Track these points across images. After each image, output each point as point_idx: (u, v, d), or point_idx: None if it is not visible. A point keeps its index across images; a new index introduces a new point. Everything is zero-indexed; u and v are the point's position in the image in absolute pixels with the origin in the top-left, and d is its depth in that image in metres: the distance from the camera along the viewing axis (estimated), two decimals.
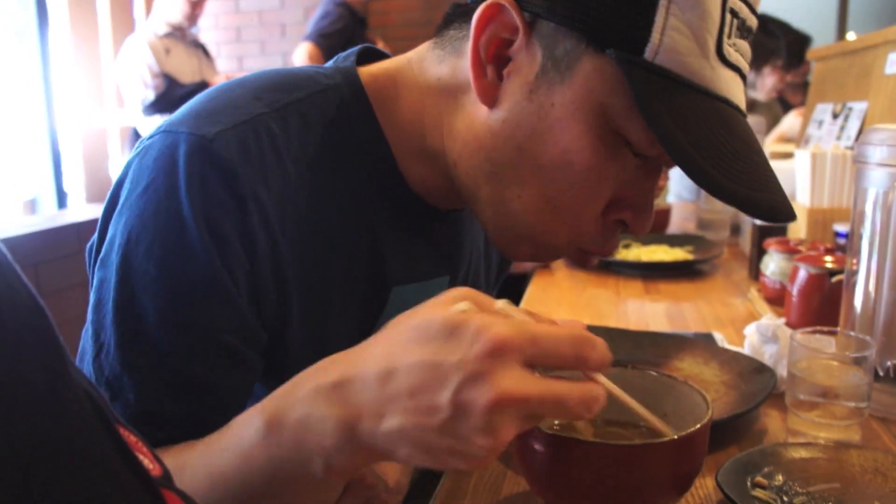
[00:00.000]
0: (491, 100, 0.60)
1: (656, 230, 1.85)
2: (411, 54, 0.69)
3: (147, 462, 0.29)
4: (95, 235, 0.63)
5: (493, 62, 0.60)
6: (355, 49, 0.72)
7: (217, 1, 4.45)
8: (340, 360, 0.47)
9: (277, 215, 0.61)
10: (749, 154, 0.58)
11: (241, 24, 4.72)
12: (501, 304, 0.45)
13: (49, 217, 2.47)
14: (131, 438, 0.28)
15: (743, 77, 0.60)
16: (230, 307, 0.59)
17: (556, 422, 0.61)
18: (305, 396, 0.47)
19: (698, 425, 0.55)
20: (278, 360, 0.65)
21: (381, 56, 0.73)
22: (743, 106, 0.61)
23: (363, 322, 0.70)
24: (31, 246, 2.03)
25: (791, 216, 0.60)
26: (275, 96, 0.64)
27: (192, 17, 3.27)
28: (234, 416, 0.57)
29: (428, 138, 0.67)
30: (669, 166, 0.65)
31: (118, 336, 0.58)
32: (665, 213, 1.90)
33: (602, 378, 0.48)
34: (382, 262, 0.69)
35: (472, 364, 0.41)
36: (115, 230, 0.59)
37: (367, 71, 0.69)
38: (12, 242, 1.97)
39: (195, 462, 0.53)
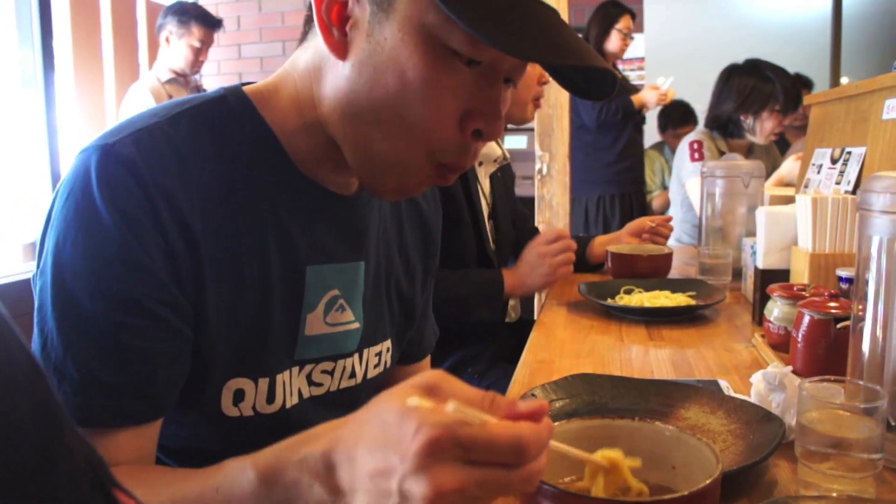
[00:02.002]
0: (342, 53, 0.69)
1: (659, 275, 1.84)
2: (287, 62, 0.78)
3: None
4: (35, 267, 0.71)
5: (338, 24, 0.69)
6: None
7: (220, 48, 4.52)
8: (324, 434, 0.54)
9: (185, 200, 0.68)
10: (550, 27, 0.66)
11: (244, 71, 4.79)
12: (451, 406, 0.48)
13: None
14: (129, 503, 0.27)
15: None
16: (149, 278, 0.66)
17: (567, 478, 0.60)
18: (297, 463, 0.53)
19: (709, 480, 0.54)
20: (199, 336, 0.71)
21: None
22: None
23: (284, 300, 0.76)
24: (30, 291, 2.02)
25: (610, 78, 0.70)
26: (166, 111, 0.73)
27: (196, 63, 3.31)
28: (171, 387, 0.70)
29: (305, 114, 0.75)
30: (509, 78, 0.71)
31: (58, 322, 0.66)
32: (667, 258, 1.90)
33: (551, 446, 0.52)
34: (291, 242, 0.76)
35: (410, 460, 0.46)
36: (46, 244, 0.68)
37: (254, 86, 0.78)
38: (11, 288, 1.96)
39: (182, 490, 0.59)
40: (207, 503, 0.57)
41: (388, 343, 0.91)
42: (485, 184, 1.79)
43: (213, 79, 4.63)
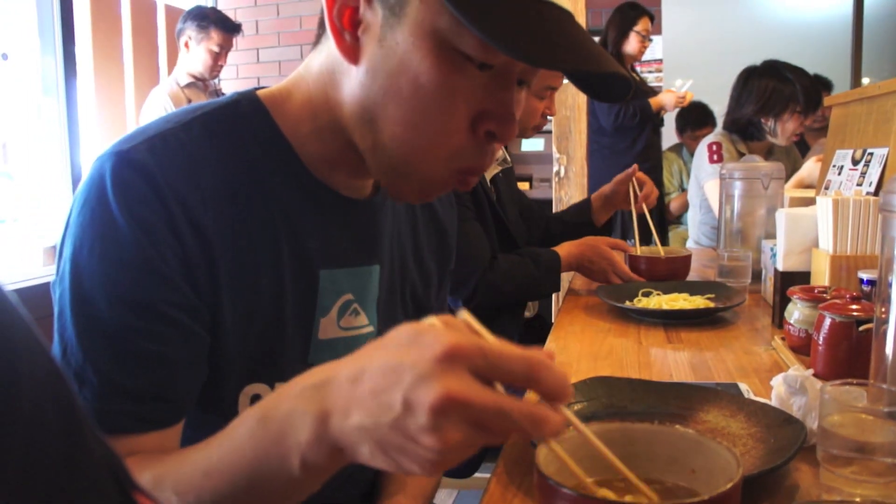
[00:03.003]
0: (354, 58, 0.69)
1: (677, 277, 1.83)
2: (301, 66, 0.78)
3: None
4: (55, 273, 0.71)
5: (350, 28, 0.69)
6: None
7: (238, 52, 4.55)
8: (327, 366, 0.52)
9: (198, 205, 0.69)
10: (563, 31, 0.65)
11: (262, 75, 4.82)
12: (465, 314, 0.49)
13: None
14: None
15: None
16: (165, 283, 0.67)
17: (590, 479, 0.60)
18: (292, 395, 0.52)
19: (730, 485, 0.53)
20: (214, 341, 0.71)
21: None
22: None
23: (298, 303, 0.76)
24: (50, 294, 2.04)
25: (625, 81, 0.69)
26: (179, 117, 0.74)
27: (215, 68, 3.34)
28: (190, 390, 0.70)
29: (319, 118, 0.75)
30: (523, 80, 0.71)
31: (77, 328, 0.66)
32: (685, 260, 1.88)
33: (571, 416, 0.51)
34: (304, 246, 0.76)
35: (424, 366, 0.45)
36: (65, 251, 0.68)
37: (267, 90, 0.79)
38: (32, 292, 1.98)
39: (191, 457, 0.59)
40: (212, 462, 0.57)
41: None
42: (489, 186, 1.81)
43: (231, 83, 4.66)
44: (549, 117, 1.79)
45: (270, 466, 0.53)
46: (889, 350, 0.85)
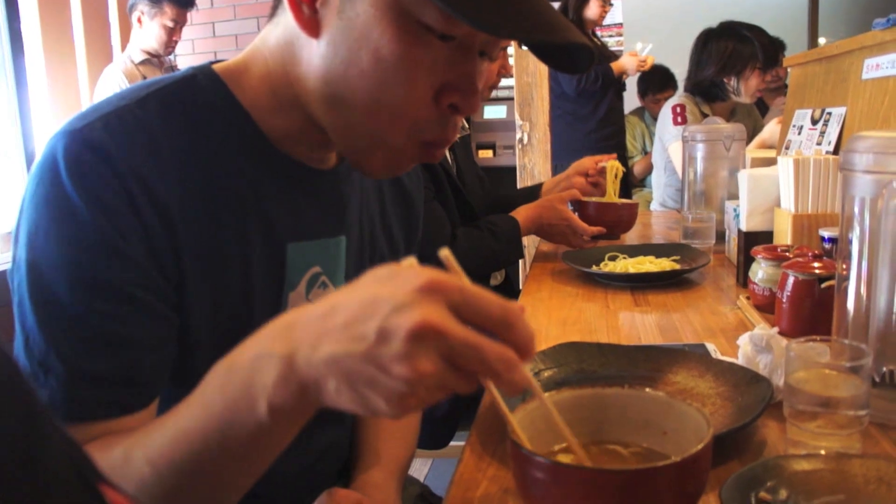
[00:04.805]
0: (314, 31, 0.68)
1: (625, 223, 1.88)
2: (257, 39, 0.77)
3: None
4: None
5: (308, 0, 0.67)
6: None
7: (193, 27, 4.44)
8: (297, 308, 0.52)
9: (159, 182, 0.67)
10: (524, 1, 0.64)
11: (219, 49, 4.71)
12: (444, 252, 0.49)
13: None
14: (116, 498, 0.26)
15: None
16: (128, 263, 0.65)
17: (556, 447, 0.60)
18: (260, 338, 0.52)
19: (700, 445, 0.54)
20: (182, 320, 0.70)
21: None
22: None
23: (265, 278, 0.75)
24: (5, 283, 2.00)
25: (588, 51, 0.69)
26: (134, 93, 0.71)
27: (170, 43, 3.26)
28: (160, 372, 0.68)
29: (279, 93, 0.74)
30: (485, 51, 0.70)
31: (38, 316, 0.64)
32: (632, 207, 1.90)
33: (531, 377, 0.52)
34: (270, 220, 0.75)
35: (402, 296, 0.45)
36: (20, 237, 0.66)
37: (223, 64, 0.77)
38: None
39: (160, 424, 0.58)
40: (182, 424, 0.55)
41: None
42: (447, 155, 1.81)
43: (187, 58, 4.55)
44: (504, 77, 1.78)
45: (240, 415, 0.52)
46: (850, 305, 0.87)
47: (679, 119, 2.87)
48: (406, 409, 0.46)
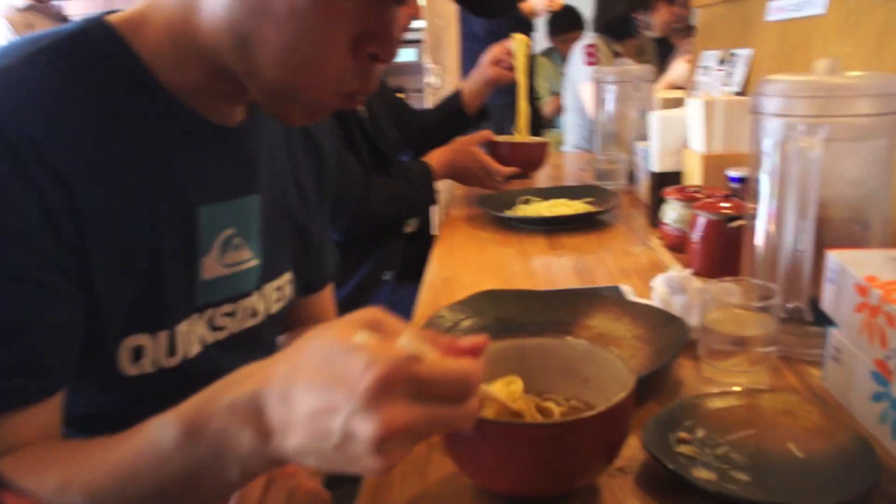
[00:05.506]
0: None
1: (537, 162, 1.91)
2: None
3: None
4: None
5: None
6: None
7: None
8: (252, 375, 0.50)
9: (54, 149, 0.61)
10: None
11: None
12: (405, 340, 0.46)
13: None
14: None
15: None
16: (25, 241, 0.60)
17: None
18: (223, 409, 0.50)
19: (623, 394, 0.54)
20: (88, 295, 0.66)
21: None
22: None
23: (177, 245, 0.71)
24: None
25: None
26: (19, 51, 0.65)
27: None
28: (68, 356, 0.64)
29: (181, 44, 0.69)
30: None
31: None
32: (542, 146, 1.92)
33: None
34: (179, 182, 0.71)
35: (359, 398, 0.44)
36: None
37: (117, 15, 0.70)
38: None
39: (102, 461, 0.56)
40: (131, 469, 0.54)
41: (288, 275, 0.87)
42: None
43: (77, 4, 4.23)
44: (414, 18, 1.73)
45: (208, 474, 0.52)
46: (759, 243, 0.89)
47: (591, 59, 2.88)
48: (388, 473, 0.48)
